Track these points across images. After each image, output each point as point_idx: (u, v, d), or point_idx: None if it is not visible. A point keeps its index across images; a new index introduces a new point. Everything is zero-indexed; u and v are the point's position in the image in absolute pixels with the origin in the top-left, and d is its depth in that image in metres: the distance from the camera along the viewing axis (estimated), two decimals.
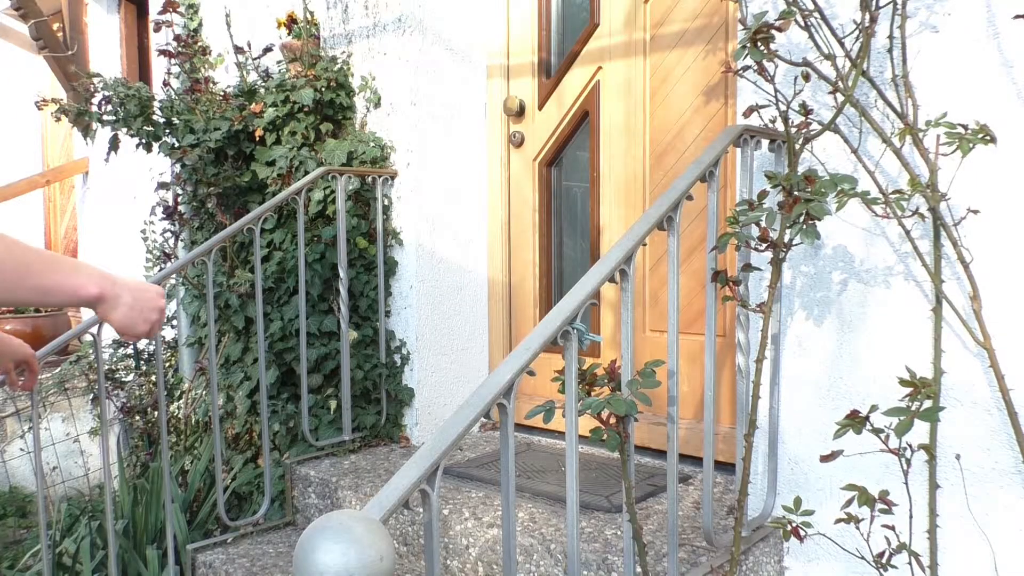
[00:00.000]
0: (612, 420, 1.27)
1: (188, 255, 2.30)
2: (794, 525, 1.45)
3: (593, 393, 1.27)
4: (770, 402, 1.76)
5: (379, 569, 0.82)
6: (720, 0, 2.30)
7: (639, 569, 1.50)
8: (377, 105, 2.72)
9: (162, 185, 3.05)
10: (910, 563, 1.40)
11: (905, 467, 1.33)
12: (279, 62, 2.95)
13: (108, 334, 2.81)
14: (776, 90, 1.46)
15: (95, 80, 2.75)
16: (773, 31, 1.40)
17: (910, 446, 1.35)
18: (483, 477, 2.26)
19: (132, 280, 1.32)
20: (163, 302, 1.35)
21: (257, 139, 2.77)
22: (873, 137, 1.61)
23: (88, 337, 3.15)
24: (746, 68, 1.53)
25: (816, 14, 1.45)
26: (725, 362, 2.31)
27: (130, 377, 3.42)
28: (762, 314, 1.52)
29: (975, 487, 1.57)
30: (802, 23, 1.45)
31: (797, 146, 1.48)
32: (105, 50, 5.02)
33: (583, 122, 2.64)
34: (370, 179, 2.65)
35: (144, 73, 4.97)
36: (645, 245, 2.37)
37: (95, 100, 2.74)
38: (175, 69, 3.07)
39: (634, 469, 1.43)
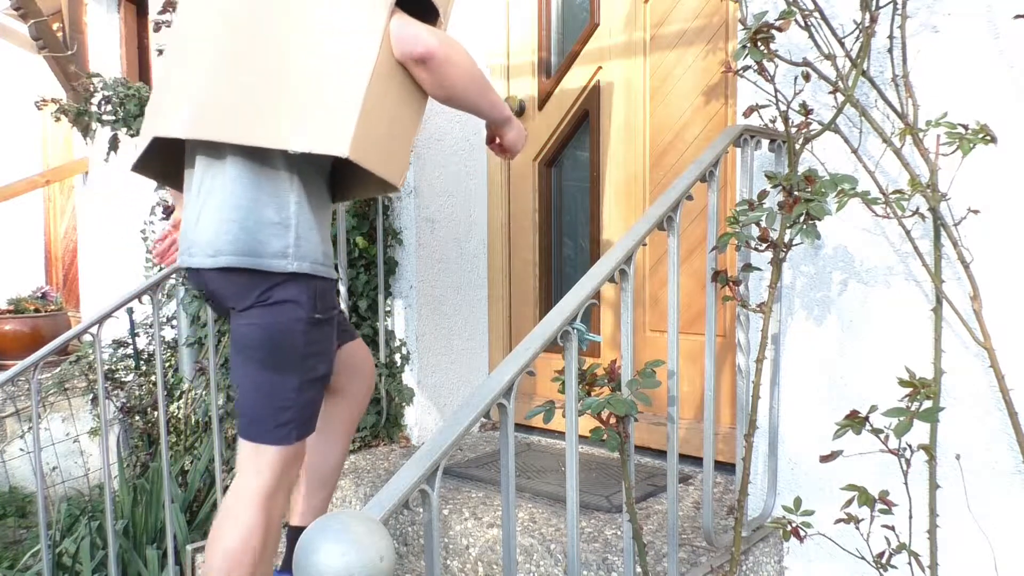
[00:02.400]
0: (612, 420, 1.27)
1: None
2: (794, 525, 1.45)
3: (593, 393, 1.27)
4: (770, 402, 1.76)
5: (379, 569, 0.82)
6: (720, 0, 2.30)
7: (639, 569, 1.50)
8: None
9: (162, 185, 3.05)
10: (910, 563, 1.40)
11: (905, 467, 1.33)
12: None
13: (108, 334, 2.81)
14: (776, 90, 1.46)
15: (95, 80, 2.75)
16: (773, 31, 1.40)
17: (910, 446, 1.35)
18: (483, 477, 2.25)
19: None
20: (526, 136, 1.85)
21: None
22: (873, 137, 1.61)
23: (88, 337, 3.16)
24: (746, 68, 1.53)
25: (816, 14, 1.45)
26: (725, 362, 2.31)
27: (130, 377, 3.42)
28: (762, 314, 1.52)
29: (975, 487, 1.57)
30: (802, 23, 1.45)
31: (797, 146, 1.48)
32: (105, 50, 5.02)
33: (583, 122, 2.64)
34: None
35: (144, 73, 4.97)
36: (645, 245, 2.37)
37: (95, 100, 2.74)
38: None
39: (634, 469, 1.43)
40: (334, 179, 1.67)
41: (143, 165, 1.70)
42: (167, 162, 1.72)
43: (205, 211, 1.55)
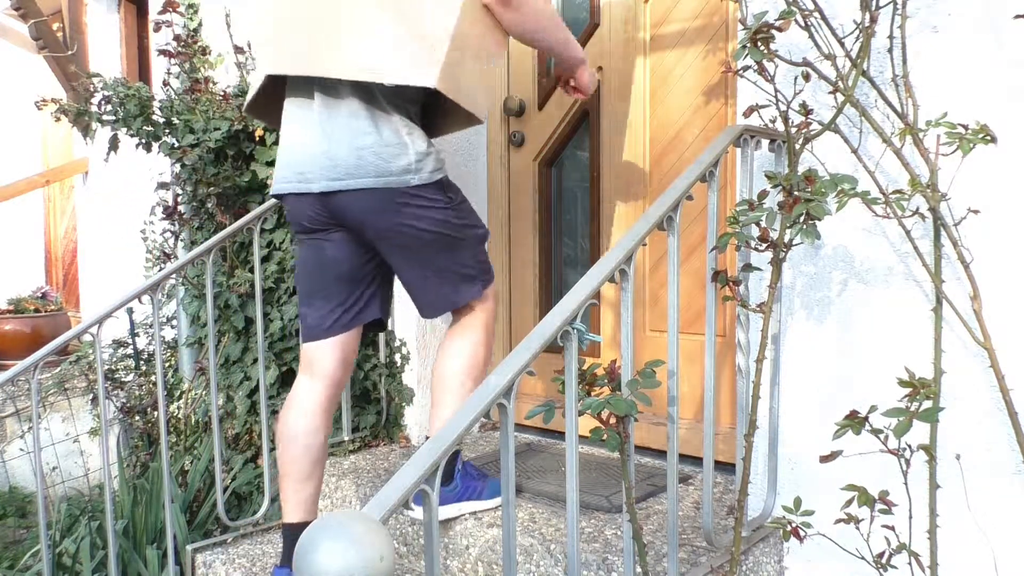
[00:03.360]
0: (612, 420, 1.26)
1: (188, 255, 2.30)
2: (794, 525, 1.45)
3: (593, 393, 1.27)
4: (770, 402, 1.76)
5: (379, 569, 0.82)
6: (720, 0, 2.30)
7: (639, 569, 1.50)
8: None
9: (162, 185, 3.05)
10: (910, 563, 1.40)
11: (905, 467, 1.33)
12: None
13: (108, 334, 2.81)
14: (776, 90, 1.46)
15: (95, 80, 2.75)
16: (773, 31, 1.40)
17: (909, 446, 1.35)
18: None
19: None
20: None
21: (257, 139, 2.77)
22: (873, 137, 1.61)
23: (88, 337, 3.16)
24: (746, 68, 1.53)
25: (816, 14, 1.45)
26: (725, 362, 2.31)
27: (130, 377, 3.42)
28: (762, 314, 1.52)
29: (975, 487, 1.57)
30: (802, 23, 1.45)
31: (797, 146, 1.48)
32: (105, 50, 5.02)
33: (583, 122, 2.64)
34: None
35: (144, 73, 4.97)
36: (645, 245, 2.37)
37: (95, 100, 2.73)
38: (175, 69, 3.07)
39: (634, 469, 1.43)
40: (426, 119, 1.93)
41: (252, 106, 1.99)
42: (270, 100, 1.97)
43: (327, 142, 1.78)
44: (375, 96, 1.77)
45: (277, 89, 1.92)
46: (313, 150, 1.80)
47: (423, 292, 1.91)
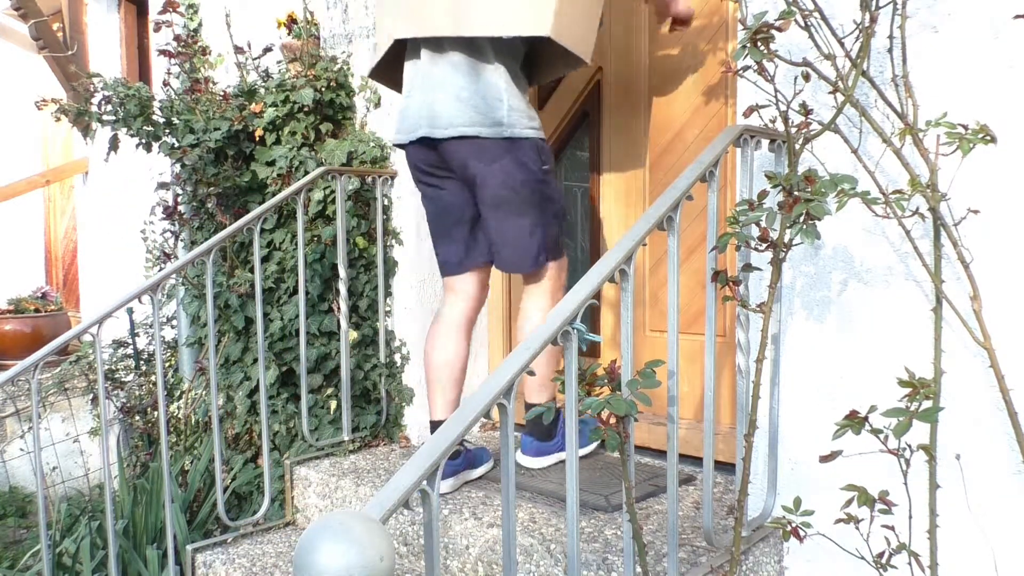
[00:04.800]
0: (612, 420, 1.26)
1: (188, 255, 2.30)
2: (794, 525, 1.45)
3: (593, 393, 1.27)
4: (770, 402, 1.75)
5: (379, 569, 0.82)
6: (720, 0, 2.29)
7: (639, 569, 1.50)
8: (377, 105, 2.72)
9: (162, 185, 3.05)
10: (910, 563, 1.40)
11: (904, 467, 1.33)
12: (279, 62, 2.95)
13: (108, 334, 2.81)
14: (776, 90, 1.46)
15: (95, 80, 2.75)
16: (773, 31, 1.40)
17: (909, 446, 1.35)
18: (484, 474, 2.26)
19: None
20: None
21: (257, 139, 2.77)
22: (873, 137, 1.61)
23: (88, 337, 3.16)
24: (746, 68, 1.53)
25: (816, 14, 1.45)
26: (725, 362, 2.31)
27: (130, 377, 3.42)
28: (762, 314, 1.52)
29: (975, 487, 1.57)
30: (802, 23, 1.45)
31: (797, 146, 1.48)
32: (105, 50, 5.02)
33: (583, 122, 2.64)
34: (370, 179, 2.65)
35: (144, 73, 4.98)
36: (645, 245, 2.37)
37: (95, 100, 2.74)
38: (175, 69, 3.07)
39: (634, 469, 1.43)
40: (528, 66, 2.11)
41: (379, 71, 2.21)
42: (390, 66, 2.19)
43: (435, 95, 1.99)
44: (480, 50, 1.97)
45: (399, 55, 2.13)
46: (419, 102, 2.03)
47: (502, 246, 2.10)
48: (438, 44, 2.00)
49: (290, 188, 2.44)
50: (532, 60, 2.13)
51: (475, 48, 1.97)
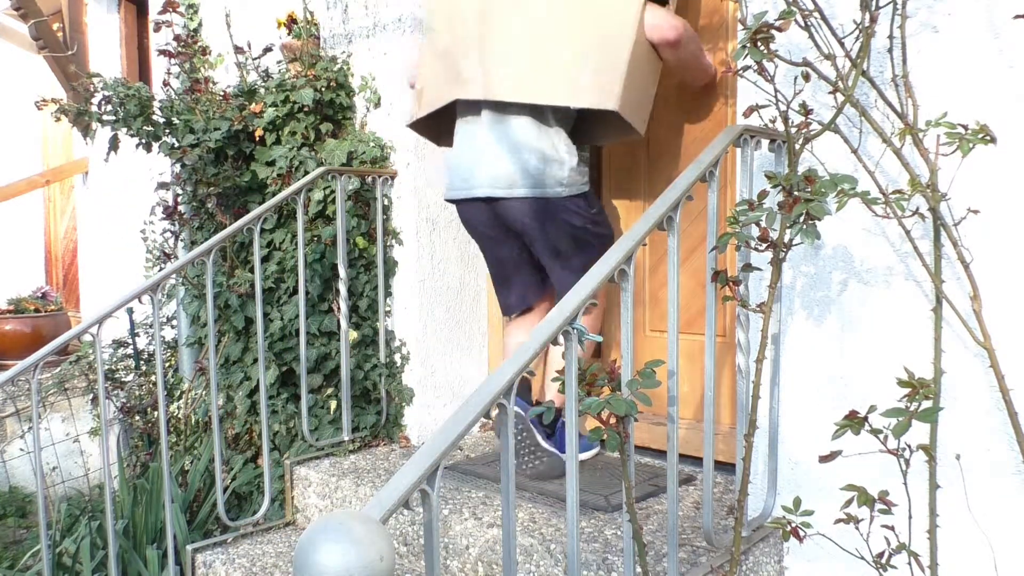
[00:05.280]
0: (612, 420, 1.26)
1: (188, 255, 2.31)
2: (794, 525, 1.45)
3: (593, 393, 1.27)
4: (770, 402, 1.75)
5: (379, 569, 0.82)
6: (720, 0, 2.29)
7: (639, 569, 1.50)
8: (377, 105, 2.72)
9: (162, 185, 3.05)
10: (910, 563, 1.40)
11: (904, 467, 1.33)
12: (279, 62, 2.95)
13: (108, 334, 2.81)
14: (776, 90, 1.46)
15: (95, 80, 2.75)
16: (773, 31, 1.40)
17: (909, 446, 1.35)
18: (484, 474, 2.25)
19: None
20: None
21: (257, 139, 2.77)
22: (873, 137, 1.61)
23: (88, 337, 3.16)
24: (746, 68, 1.53)
25: (816, 14, 1.45)
26: (725, 362, 2.31)
27: (130, 377, 3.42)
28: (762, 314, 1.52)
29: (975, 487, 1.57)
30: (802, 23, 1.45)
31: (797, 146, 1.48)
32: (105, 50, 5.02)
33: None
34: (370, 179, 2.65)
35: (144, 73, 4.98)
36: (645, 245, 2.37)
37: (95, 100, 2.73)
38: (175, 69, 3.07)
39: (634, 469, 1.43)
40: (578, 129, 2.20)
41: (418, 123, 2.30)
42: (432, 119, 2.29)
43: (498, 155, 2.09)
44: (542, 113, 2.08)
45: (445, 108, 2.21)
46: (477, 161, 2.13)
47: (560, 284, 2.21)
48: (501, 105, 2.10)
49: (290, 188, 2.44)
50: (584, 121, 2.21)
51: (538, 111, 2.08)
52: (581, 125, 2.20)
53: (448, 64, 2.15)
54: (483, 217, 2.20)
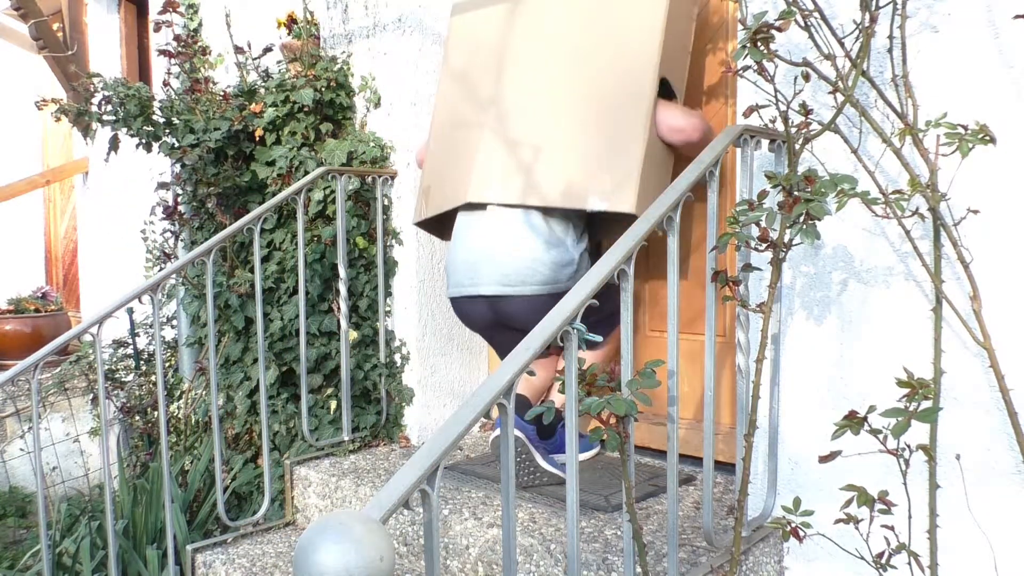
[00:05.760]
0: (612, 420, 1.26)
1: (188, 255, 2.31)
2: (794, 525, 1.45)
3: (593, 393, 1.27)
4: (770, 402, 1.76)
5: (379, 569, 0.82)
6: (720, 0, 2.29)
7: (639, 569, 1.50)
8: (377, 105, 2.73)
9: (162, 185, 3.05)
10: (910, 563, 1.40)
11: (904, 467, 1.33)
12: (279, 62, 2.95)
13: (108, 334, 2.81)
14: (776, 90, 1.46)
15: (95, 80, 2.75)
16: (773, 31, 1.40)
17: (909, 446, 1.35)
18: (484, 474, 2.26)
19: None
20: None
21: (257, 139, 2.77)
22: (873, 137, 1.61)
23: (88, 337, 3.16)
24: (746, 68, 1.53)
25: (816, 14, 1.45)
26: (725, 362, 2.31)
27: (130, 377, 3.42)
28: (762, 314, 1.52)
29: (975, 487, 1.57)
30: (802, 23, 1.45)
31: (797, 146, 1.48)
32: (105, 50, 5.02)
33: None
34: (370, 179, 2.65)
35: (144, 73, 4.98)
36: (645, 245, 2.36)
37: (95, 100, 2.73)
38: (175, 69, 3.07)
39: (634, 469, 1.43)
40: (589, 223, 2.21)
41: (424, 221, 2.33)
42: (436, 217, 2.29)
43: (507, 253, 2.05)
44: (553, 212, 2.07)
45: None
46: (485, 258, 2.08)
47: None
48: (510, 205, 2.08)
49: (290, 188, 2.44)
50: (590, 220, 2.21)
51: (549, 211, 2.07)
52: (592, 218, 2.20)
53: (456, 164, 2.15)
54: (484, 312, 2.14)
